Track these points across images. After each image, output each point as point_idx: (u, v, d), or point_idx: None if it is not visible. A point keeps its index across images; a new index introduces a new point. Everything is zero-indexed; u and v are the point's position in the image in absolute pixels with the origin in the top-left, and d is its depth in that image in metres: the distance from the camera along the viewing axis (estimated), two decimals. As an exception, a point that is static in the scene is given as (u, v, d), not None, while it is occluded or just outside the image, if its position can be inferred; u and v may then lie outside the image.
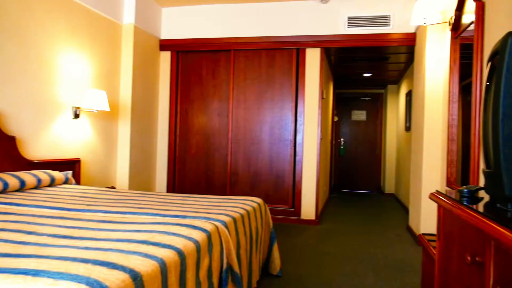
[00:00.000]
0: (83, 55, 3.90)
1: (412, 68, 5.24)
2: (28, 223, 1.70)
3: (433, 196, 1.53)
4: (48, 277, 1.03)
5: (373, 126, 8.37)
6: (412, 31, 4.41)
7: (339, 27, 4.60)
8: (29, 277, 1.03)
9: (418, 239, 3.77)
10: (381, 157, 8.26)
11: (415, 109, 4.47)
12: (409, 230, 4.36)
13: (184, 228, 1.65)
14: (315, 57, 4.73)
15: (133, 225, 1.71)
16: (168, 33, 5.14)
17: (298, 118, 4.77)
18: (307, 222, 4.69)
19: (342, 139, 8.46)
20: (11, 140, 3.00)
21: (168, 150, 5.18)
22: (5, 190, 2.53)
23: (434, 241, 2.18)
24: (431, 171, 3.78)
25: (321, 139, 4.86)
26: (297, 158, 4.76)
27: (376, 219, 5.17)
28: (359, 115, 8.44)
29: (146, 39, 4.80)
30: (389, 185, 7.90)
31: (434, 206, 3.48)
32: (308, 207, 4.72)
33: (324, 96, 5.21)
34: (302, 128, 4.75)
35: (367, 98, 8.43)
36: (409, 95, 5.89)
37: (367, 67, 6.44)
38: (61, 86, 3.62)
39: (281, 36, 4.75)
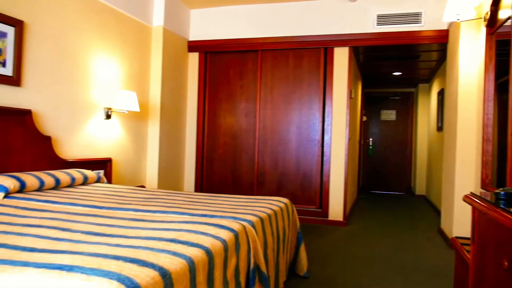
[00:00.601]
0: (114, 57, 4.01)
1: (445, 66, 5.09)
2: (63, 220, 1.77)
3: (467, 198, 1.48)
4: (82, 272, 1.07)
5: (403, 126, 8.18)
6: (445, 28, 4.28)
7: (368, 25, 4.52)
8: (64, 272, 1.07)
9: (451, 243, 3.66)
10: (412, 157, 8.06)
11: (448, 108, 4.34)
12: (441, 233, 4.23)
13: (212, 228, 1.67)
14: (343, 56, 4.67)
15: (162, 223, 1.74)
16: (196, 34, 5.21)
17: (326, 118, 4.73)
18: (335, 223, 4.64)
19: (370, 139, 8.31)
20: (47, 140, 3.12)
21: (196, 150, 5.25)
22: (41, 188, 2.64)
23: (468, 245, 2.11)
24: (464, 172, 3.65)
25: (349, 139, 4.79)
26: (325, 158, 4.72)
27: (406, 221, 5.05)
28: (389, 115, 8.27)
29: (174, 40, 4.88)
30: (420, 187, 7.70)
31: (467, 208, 3.37)
32: (336, 208, 4.66)
33: (353, 96, 5.13)
34: (330, 128, 4.70)
35: (397, 97, 8.25)
36: (441, 94, 5.72)
37: (397, 66, 6.30)
38: (94, 88, 3.74)
39: (308, 35, 4.72)
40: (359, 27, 4.56)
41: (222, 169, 5.18)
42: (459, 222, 3.65)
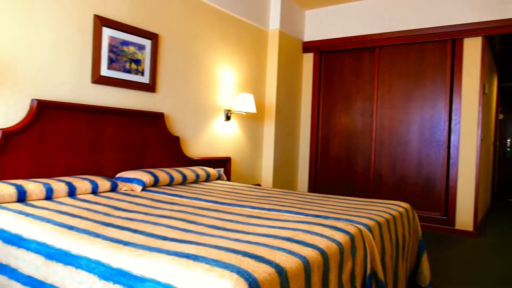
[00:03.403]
0: (234, 61, 4.25)
1: None
2: (190, 213, 1.93)
3: None
4: (206, 263, 1.15)
5: (552, 125, 6.98)
6: None
7: (507, 10, 3.96)
8: (190, 261, 1.17)
9: None
10: None
11: None
12: None
13: (326, 229, 1.65)
14: (475, 48, 4.17)
15: (278, 222, 1.78)
16: (311, 35, 5.21)
17: (453, 117, 4.29)
18: (463, 233, 4.18)
19: (508, 140, 7.28)
20: (176, 140, 3.45)
21: (310, 150, 5.26)
22: (171, 183, 2.94)
23: None
24: None
25: (481, 139, 4.26)
26: (452, 161, 4.28)
27: (556, 237, 4.29)
28: (533, 112, 7.14)
29: (290, 42, 4.96)
30: None
31: None
32: (464, 216, 4.19)
33: (486, 91, 4.56)
34: (458, 127, 4.25)
35: (543, 92, 7.07)
36: None
37: (545, 55, 5.41)
38: (216, 91, 4.01)
39: (432, 27, 4.33)
40: (495, 13, 4.02)
41: (336, 169, 5.09)
42: None
